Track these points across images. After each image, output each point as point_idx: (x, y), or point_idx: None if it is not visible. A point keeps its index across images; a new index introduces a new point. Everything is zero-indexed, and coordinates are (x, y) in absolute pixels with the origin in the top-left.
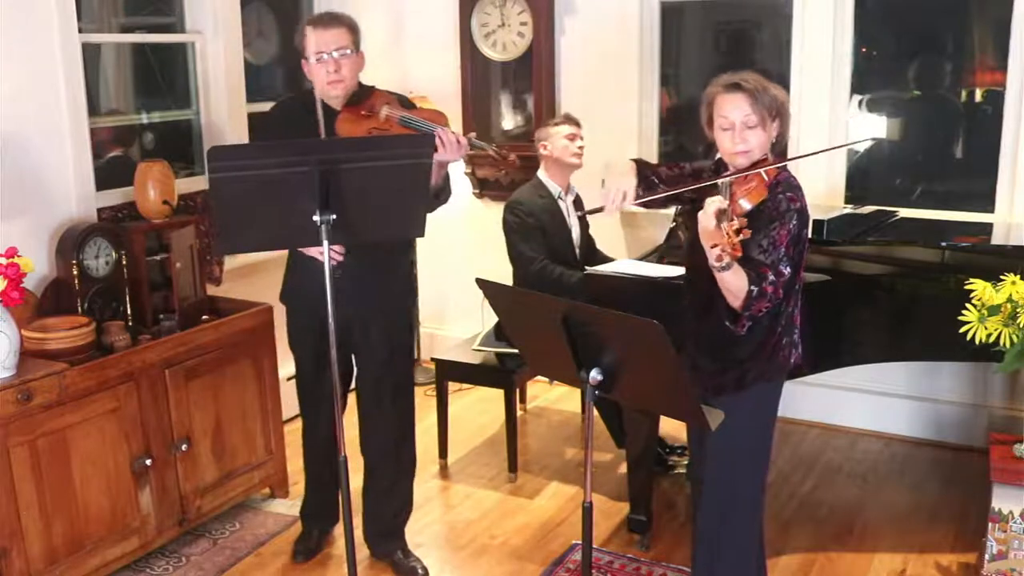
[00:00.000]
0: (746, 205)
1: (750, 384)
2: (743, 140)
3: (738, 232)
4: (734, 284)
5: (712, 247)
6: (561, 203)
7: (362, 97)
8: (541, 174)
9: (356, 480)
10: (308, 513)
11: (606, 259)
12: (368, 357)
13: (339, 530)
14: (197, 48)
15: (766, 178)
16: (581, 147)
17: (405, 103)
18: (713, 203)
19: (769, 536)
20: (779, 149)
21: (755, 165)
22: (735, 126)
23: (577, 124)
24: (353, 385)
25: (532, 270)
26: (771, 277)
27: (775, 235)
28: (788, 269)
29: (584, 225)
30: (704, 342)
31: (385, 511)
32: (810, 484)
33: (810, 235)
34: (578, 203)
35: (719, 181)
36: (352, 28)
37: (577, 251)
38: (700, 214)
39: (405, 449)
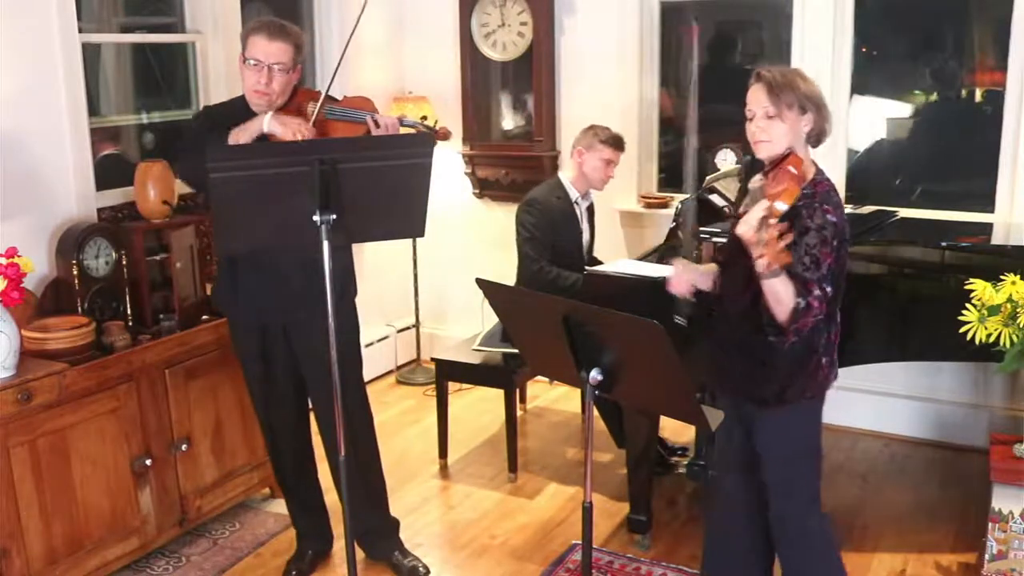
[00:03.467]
0: (781, 207)
1: (791, 400)
2: (760, 130)
3: (780, 237)
4: (783, 293)
5: (759, 257)
6: (577, 207)
7: (290, 98)
8: (563, 176)
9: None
10: (299, 532)
11: (598, 262)
12: (312, 361)
13: (337, 531)
14: (197, 48)
15: (795, 172)
16: (611, 176)
17: (330, 97)
18: (756, 211)
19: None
20: (815, 144)
21: (780, 163)
22: (755, 115)
23: (621, 149)
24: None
25: (532, 270)
26: (817, 292)
27: (817, 253)
28: (831, 288)
29: (593, 229)
30: (743, 349)
31: (362, 505)
32: None
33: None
34: (591, 210)
35: (749, 187)
36: (298, 46)
37: (585, 255)
38: (739, 226)
39: (362, 451)
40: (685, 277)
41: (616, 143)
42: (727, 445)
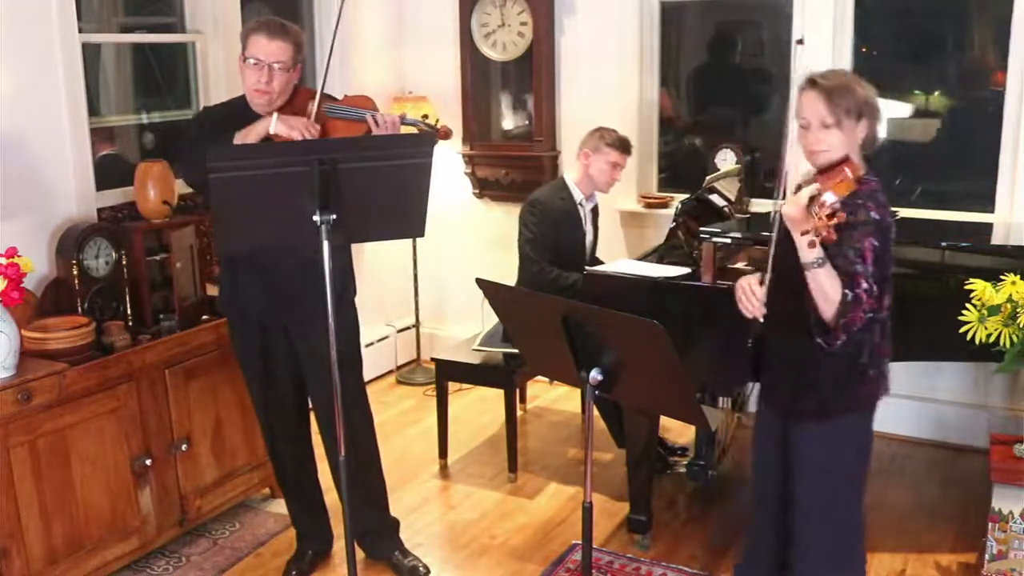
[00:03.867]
0: (830, 198)
1: (833, 415)
2: (817, 140)
3: (831, 216)
4: (828, 284)
5: (803, 234)
6: (581, 209)
7: (290, 98)
8: (568, 177)
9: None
10: (299, 532)
11: (599, 262)
12: (313, 361)
13: (337, 531)
14: (197, 48)
15: (849, 172)
16: (617, 179)
17: (329, 96)
18: (805, 191)
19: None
20: (869, 149)
21: (837, 164)
22: (811, 125)
23: (628, 152)
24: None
25: (532, 271)
26: (864, 285)
27: (861, 247)
28: (876, 287)
29: (597, 231)
30: (784, 358)
31: (363, 505)
32: None
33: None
34: (595, 212)
35: (800, 183)
36: (297, 44)
37: (587, 256)
38: (785, 205)
39: (362, 451)
40: (759, 296)
41: (623, 146)
42: (764, 444)
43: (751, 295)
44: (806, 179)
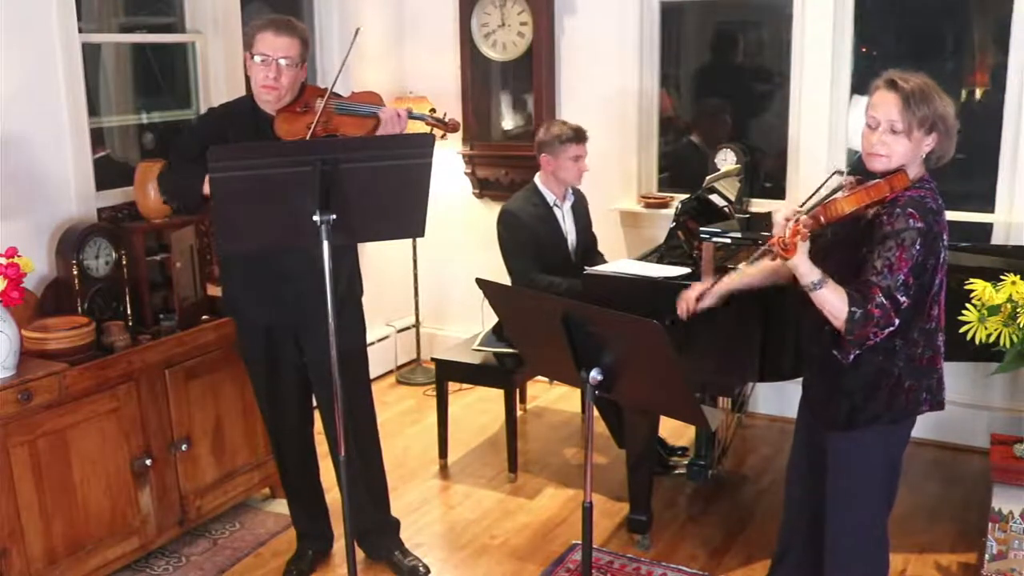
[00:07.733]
0: (845, 208)
1: (862, 424)
2: (882, 144)
3: (796, 233)
4: (830, 303)
5: (770, 243)
6: (556, 210)
7: (297, 95)
8: (537, 180)
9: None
10: (299, 532)
11: (603, 261)
12: (320, 361)
13: (338, 531)
14: (197, 48)
15: (884, 186)
16: (585, 169)
17: (336, 94)
18: (782, 212)
19: (771, 536)
20: (933, 165)
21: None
22: (879, 127)
23: (585, 139)
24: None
25: (522, 283)
26: (879, 299)
27: (892, 258)
28: (905, 298)
29: (586, 225)
30: (815, 366)
31: (364, 505)
32: None
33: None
34: (577, 207)
35: (836, 181)
36: (304, 41)
37: (573, 257)
38: (775, 213)
39: (365, 451)
40: (689, 302)
41: (577, 136)
42: (798, 446)
43: (685, 297)
44: (835, 183)
